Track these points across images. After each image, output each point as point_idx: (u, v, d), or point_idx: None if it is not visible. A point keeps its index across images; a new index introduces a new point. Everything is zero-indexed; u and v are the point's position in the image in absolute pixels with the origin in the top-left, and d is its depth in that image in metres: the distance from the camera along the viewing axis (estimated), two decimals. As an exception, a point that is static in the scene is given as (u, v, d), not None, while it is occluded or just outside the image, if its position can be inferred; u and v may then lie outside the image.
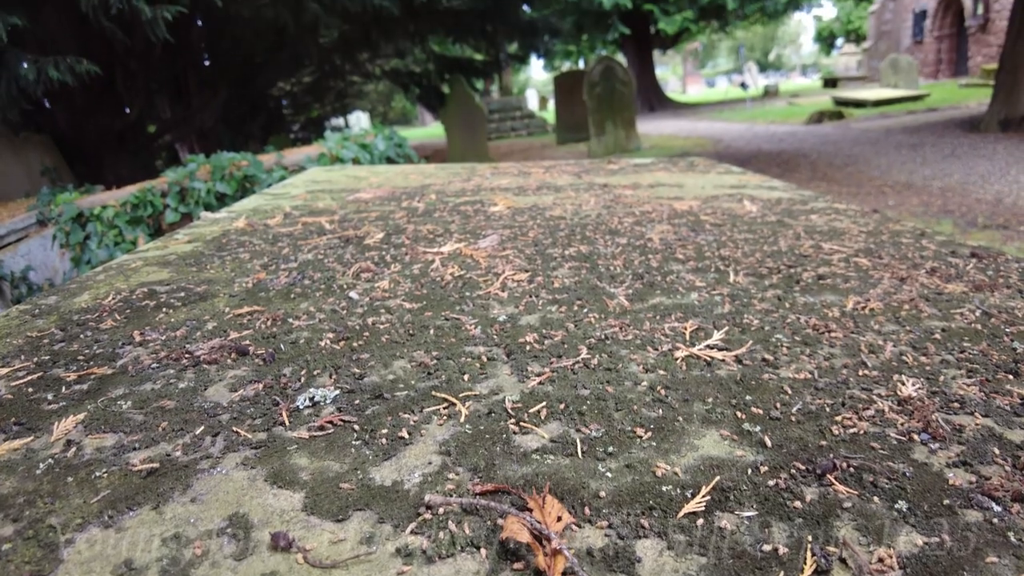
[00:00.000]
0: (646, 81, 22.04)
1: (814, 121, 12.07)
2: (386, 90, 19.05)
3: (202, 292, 1.09)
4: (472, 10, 8.86)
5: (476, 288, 1.05)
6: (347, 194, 2.01)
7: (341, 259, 1.26)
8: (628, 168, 2.41)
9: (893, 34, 24.28)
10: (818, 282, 1.00)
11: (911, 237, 1.27)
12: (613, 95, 9.67)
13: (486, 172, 2.42)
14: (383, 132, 5.25)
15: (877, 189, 5.80)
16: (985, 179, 5.74)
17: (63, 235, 3.84)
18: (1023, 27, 7.93)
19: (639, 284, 1.03)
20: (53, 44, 5.22)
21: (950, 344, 0.76)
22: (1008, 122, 8.18)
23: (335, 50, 9.19)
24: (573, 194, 1.89)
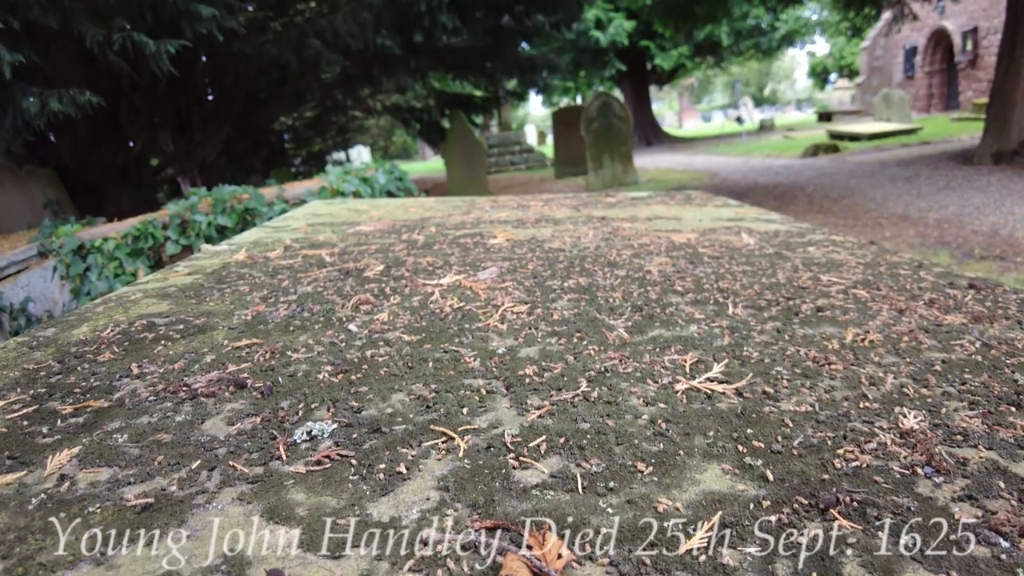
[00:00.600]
0: (643, 116, 22.41)
1: (810, 154, 12.22)
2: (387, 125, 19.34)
3: (201, 324, 1.09)
4: (472, 48, 9.07)
5: (475, 320, 1.05)
6: (347, 227, 2.02)
7: (341, 291, 1.27)
8: (626, 201, 2.43)
9: (885, 69, 24.80)
10: (817, 314, 1.01)
11: (909, 269, 1.28)
12: (610, 130, 9.82)
13: (485, 205, 2.45)
14: (384, 166, 5.31)
15: (874, 221, 5.85)
16: (980, 211, 5.79)
17: (63, 267, 3.85)
18: (1011, 63, 8.11)
19: (638, 316, 1.03)
20: (60, 79, 5.32)
21: (951, 376, 0.76)
22: (1000, 155, 8.30)
23: (337, 86, 9.37)
24: (572, 227, 1.91)
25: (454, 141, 10.15)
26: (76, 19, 4.45)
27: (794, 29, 21.38)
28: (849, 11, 10.58)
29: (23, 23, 4.26)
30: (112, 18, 4.54)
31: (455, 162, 10.22)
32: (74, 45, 4.93)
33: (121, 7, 4.54)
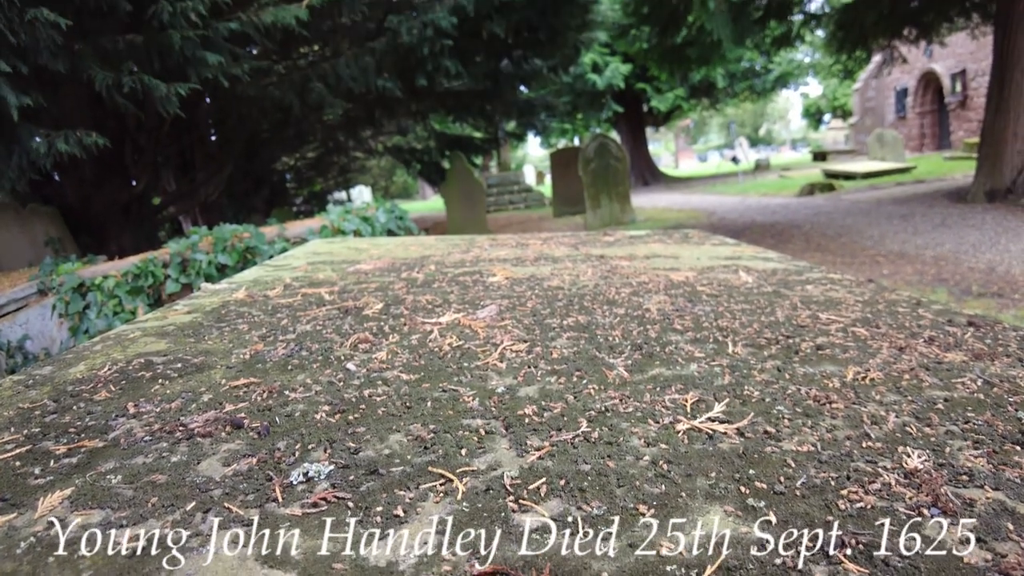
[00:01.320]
0: (640, 156, 22.76)
1: (806, 193, 12.37)
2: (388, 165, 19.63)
3: (199, 363, 1.09)
4: (472, 91, 9.28)
5: (474, 359, 1.05)
6: (347, 265, 2.03)
7: (339, 330, 1.26)
8: (624, 240, 2.45)
9: (877, 110, 25.32)
10: (817, 352, 1.00)
11: (907, 306, 1.28)
12: (608, 170, 9.97)
13: (485, 243, 2.46)
14: (384, 205, 5.37)
15: (871, 259, 5.89)
16: (976, 248, 5.83)
17: (63, 304, 3.85)
18: (1000, 104, 8.29)
19: (638, 355, 1.03)
20: (67, 120, 5.43)
21: (954, 414, 0.75)
22: (994, 193, 8.41)
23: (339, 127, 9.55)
24: (570, 265, 1.92)
25: (454, 181, 10.29)
26: (85, 64, 4.56)
27: (787, 71, 21.93)
28: (840, 54, 10.86)
29: (32, 68, 4.37)
30: (121, 63, 4.66)
31: (455, 201, 10.34)
32: (82, 88, 5.05)
33: (130, 53, 4.66)
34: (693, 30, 7.87)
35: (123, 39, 4.63)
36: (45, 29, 4.11)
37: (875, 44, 10.77)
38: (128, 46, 4.63)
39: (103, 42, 4.62)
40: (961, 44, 18.70)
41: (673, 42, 8.29)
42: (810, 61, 22.91)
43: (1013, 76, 8.05)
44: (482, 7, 6.29)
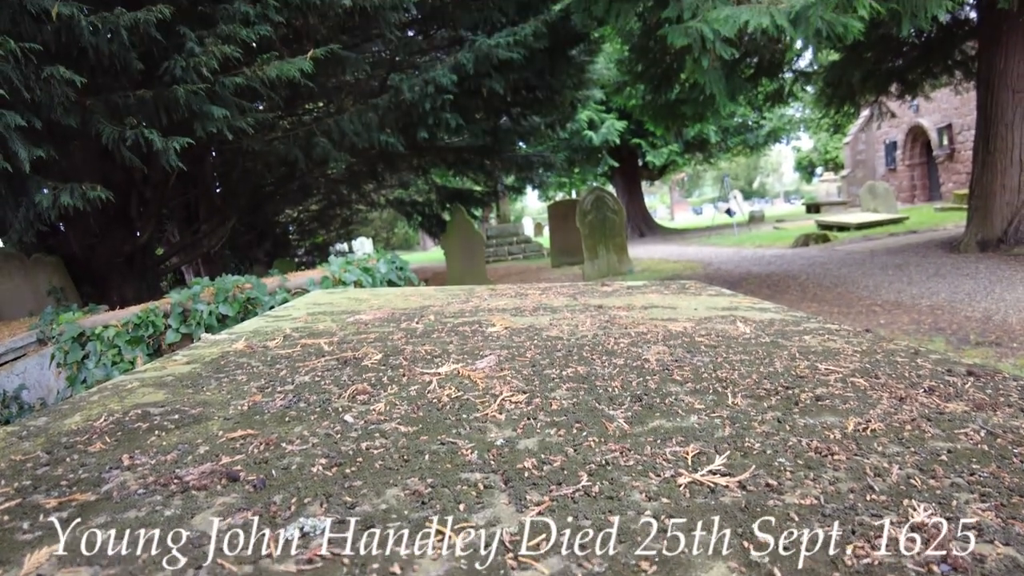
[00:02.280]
0: (636, 209, 23.11)
1: (800, 244, 12.49)
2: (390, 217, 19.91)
3: (196, 415, 1.08)
4: (472, 146, 9.51)
5: (473, 410, 1.04)
6: (347, 316, 2.04)
7: (338, 381, 1.26)
8: (622, 290, 2.47)
9: (868, 162, 25.88)
10: (817, 403, 1.00)
11: (906, 356, 1.28)
12: (605, 222, 10.11)
13: (484, 294, 2.48)
14: (385, 256, 5.42)
15: (867, 308, 5.91)
16: (972, 297, 5.86)
17: (62, 354, 3.84)
18: (987, 157, 8.49)
19: (638, 406, 1.03)
20: (75, 172, 5.53)
21: (958, 466, 0.75)
22: (986, 243, 8.50)
23: (342, 181, 9.73)
24: (569, 315, 1.93)
25: (454, 232, 10.41)
26: (95, 119, 4.69)
27: (779, 127, 22.52)
28: (830, 109, 11.20)
29: (45, 122, 4.49)
30: (127, 117, 4.79)
31: (455, 252, 10.43)
32: (91, 142, 5.17)
33: (139, 108, 4.80)
34: (686, 87, 8.13)
35: (133, 95, 4.78)
36: (60, 86, 4.25)
37: (863, 100, 11.12)
38: (138, 101, 4.77)
39: (114, 98, 4.77)
40: (946, 99, 19.31)
41: (667, 99, 8.55)
42: (801, 116, 23.57)
43: (998, 131, 8.28)
44: (481, 66, 6.52)
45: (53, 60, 4.28)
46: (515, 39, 6.55)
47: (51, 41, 4.31)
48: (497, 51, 6.44)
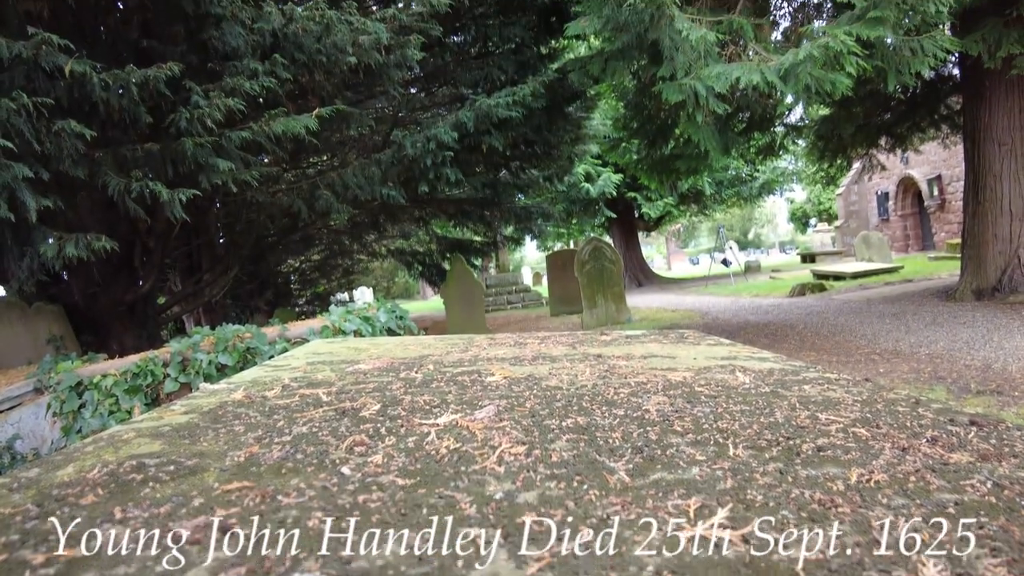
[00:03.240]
0: (633, 259, 23.30)
1: (797, 294, 12.55)
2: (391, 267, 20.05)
3: (192, 466, 1.06)
4: (472, 199, 9.67)
5: (472, 462, 1.03)
6: (346, 365, 2.03)
7: (336, 432, 1.25)
8: (621, 339, 2.47)
9: (861, 213, 26.25)
10: (818, 454, 0.99)
11: (906, 406, 1.28)
12: (603, 272, 10.18)
13: (483, 343, 2.48)
14: (385, 305, 5.43)
15: (866, 357, 5.89)
16: (970, 346, 5.85)
17: (58, 403, 3.80)
18: (976, 209, 8.64)
19: (639, 458, 1.02)
20: (80, 223, 5.60)
21: (966, 519, 0.73)
22: (981, 292, 8.55)
23: (344, 232, 9.85)
24: (568, 364, 1.92)
25: (454, 282, 10.47)
26: (103, 171, 4.78)
27: (772, 179, 22.95)
28: (822, 162, 11.45)
29: (53, 174, 4.57)
30: (133, 170, 4.89)
31: (454, 301, 10.46)
32: (97, 193, 5.26)
33: (146, 160, 4.90)
34: (680, 142, 8.34)
35: (141, 147, 4.89)
36: (70, 139, 4.35)
37: (854, 153, 11.39)
38: (145, 154, 4.88)
39: (122, 151, 4.87)
40: (934, 152, 19.78)
41: (662, 154, 8.76)
42: (793, 169, 24.06)
43: (986, 182, 8.45)
44: (482, 124, 6.70)
45: (65, 114, 4.40)
46: (514, 98, 6.76)
47: (64, 96, 4.44)
48: (497, 110, 6.63)
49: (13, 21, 4.93)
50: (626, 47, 6.13)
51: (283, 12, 5.33)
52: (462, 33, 8.92)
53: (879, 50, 5.43)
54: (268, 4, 5.23)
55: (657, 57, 5.96)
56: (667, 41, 5.58)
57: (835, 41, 4.97)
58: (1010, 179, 8.29)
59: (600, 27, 6.10)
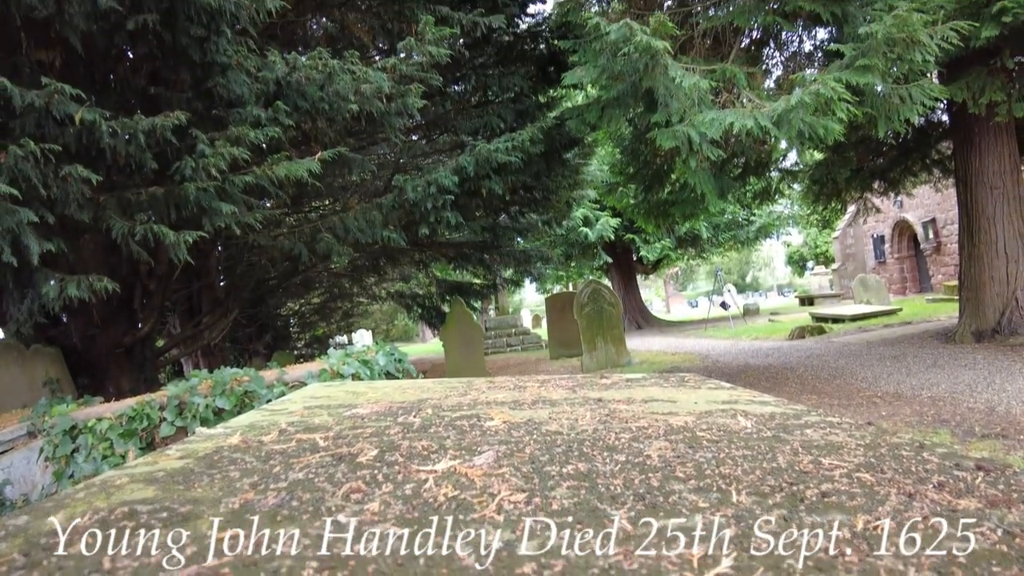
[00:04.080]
0: (632, 301, 23.34)
1: (796, 337, 12.52)
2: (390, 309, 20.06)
3: (186, 513, 1.04)
4: (472, 242, 9.76)
5: (471, 510, 1.02)
6: (344, 409, 2.01)
7: (332, 478, 1.23)
8: (621, 383, 2.45)
9: (858, 256, 26.42)
10: (823, 500, 0.98)
11: (911, 450, 1.26)
12: (602, 314, 10.18)
13: (482, 386, 2.46)
14: (384, 348, 5.41)
15: (867, 400, 5.84)
16: (972, 388, 5.81)
17: (51, 447, 3.74)
18: (972, 252, 8.71)
19: (641, 506, 1.00)
20: (82, 265, 5.63)
21: (978, 569, 0.72)
22: (981, 334, 8.54)
23: (345, 275, 9.89)
24: (568, 408, 1.91)
25: (453, 324, 10.45)
26: (107, 214, 4.84)
27: (769, 223, 23.19)
28: (817, 206, 11.60)
29: (58, 218, 4.62)
30: (138, 213, 4.94)
31: (454, 344, 10.42)
32: (100, 235, 5.30)
33: (150, 204, 4.96)
34: (676, 187, 8.47)
35: (145, 191, 4.96)
36: (76, 184, 4.42)
37: (848, 197, 11.56)
38: (149, 198, 4.94)
39: (127, 195, 4.94)
40: (928, 195, 20.06)
41: (658, 198, 8.89)
42: (789, 213, 24.36)
43: (980, 225, 8.54)
44: (481, 169, 6.82)
45: (72, 159, 4.48)
46: (513, 144, 6.90)
47: (72, 142, 4.53)
48: (496, 155, 6.76)
49: (25, 70, 5.08)
50: (622, 95, 6.30)
51: (287, 61, 5.49)
52: (462, 82, 9.17)
53: (869, 97, 5.58)
54: (272, 53, 5.39)
55: (652, 104, 6.12)
56: (661, 89, 5.73)
57: (826, 88, 5.11)
58: (1003, 222, 8.39)
59: (596, 76, 6.28)
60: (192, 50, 5.05)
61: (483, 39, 7.97)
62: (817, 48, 8.81)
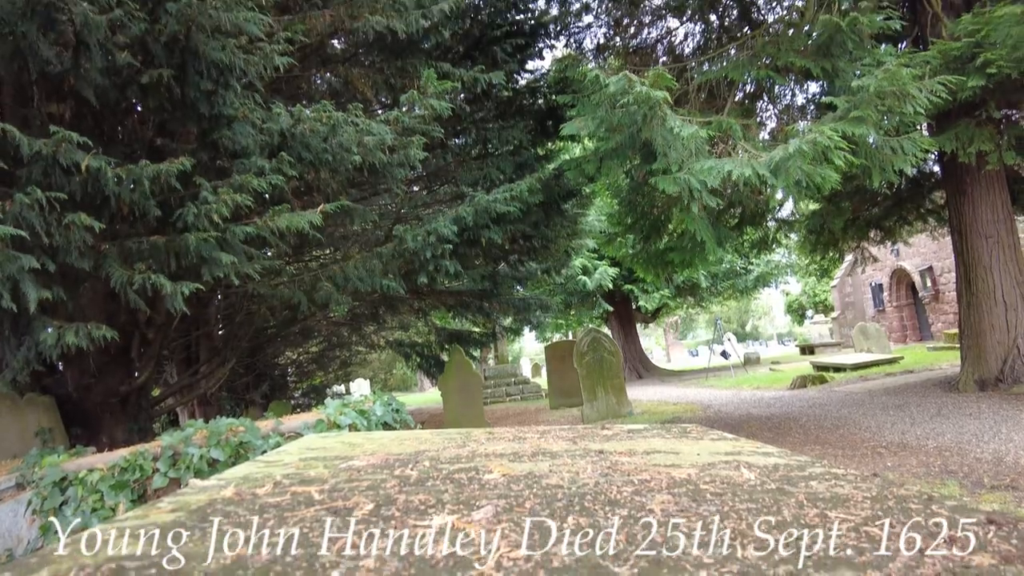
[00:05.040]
0: (633, 350, 23.25)
1: (798, 386, 12.42)
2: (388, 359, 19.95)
3: (175, 571, 1.02)
4: (471, 290, 9.80)
5: (469, 567, 0.99)
6: (340, 462, 1.98)
7: (327, 533, 1.20)
8: (622, 434, 2.42)
9: (857, 304, 26.46)
10: (830, 555, 0.95)
11: (919, 502, 1.24)
12: (602, 363, 10.13)
13: (481, 437, 2.43)
14: (382, 398, 5.36)
15: (872, 450, 5.74)
16: (979, 438, 5.73)
17: (39, 500, 3.65)
18: (971, 300, 8.74)
19: (644, 562, 0.97)
20: (81, 313, 5.62)
21: (991, 630, 0.69)
22: (984, 382, 8.48)
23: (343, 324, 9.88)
24: (569, 460, 1.88)
25: (452, 373, 10.38)
26: (108, 263, 4.86)
27: (766, 272, 23.33)
28: (815, 255, 11.71)
29: (59, 265, 4.65)
30: (138, 262, 4.97)
31: (452, 393, 10.32)
32: (100, 284, 5.32)
33: (151, 253, 4.99)
34: (674, 236, 8.57)
35: (147, 240, 5.00)
36: (79, 232, 4.46)
37: (845, 246, 11.67)
38: (150, 247, 4.98)
39: (128, 244, 4.98)
40: (924, 244, 20.26)
41: (656, 248, 8.98)
42: (787, 262, 24.53)
43: (977, 273, 8.60)
44: (481, 219, 6.92)
45: (76, 207, 4.54)
46: (511, 194, 7.02)
47: (77, 190, 4.60)
48: (495, 205, 6.86)
49: (36, 123, 5.20)
50: (620, 146, 6.45)
51: (291, 114, 5.64)
52: (463, 136, 9.40)
53: (863, 148, 5.71)
54: (278, 106, 5.54)
55: (650, 155, 6.26)
56: (660, 139, 5.88)
57: (822, 137, 5.24)
58: (1000, 270, 8.44)
59: (595, 128, 6.44)
60: (200, 103, 5.18)
61: (483, 94, 8.21)
62: (809, 101, 9.09)
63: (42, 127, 4.94)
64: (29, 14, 4.29)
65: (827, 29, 6.13)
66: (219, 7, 4.66)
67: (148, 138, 5.88)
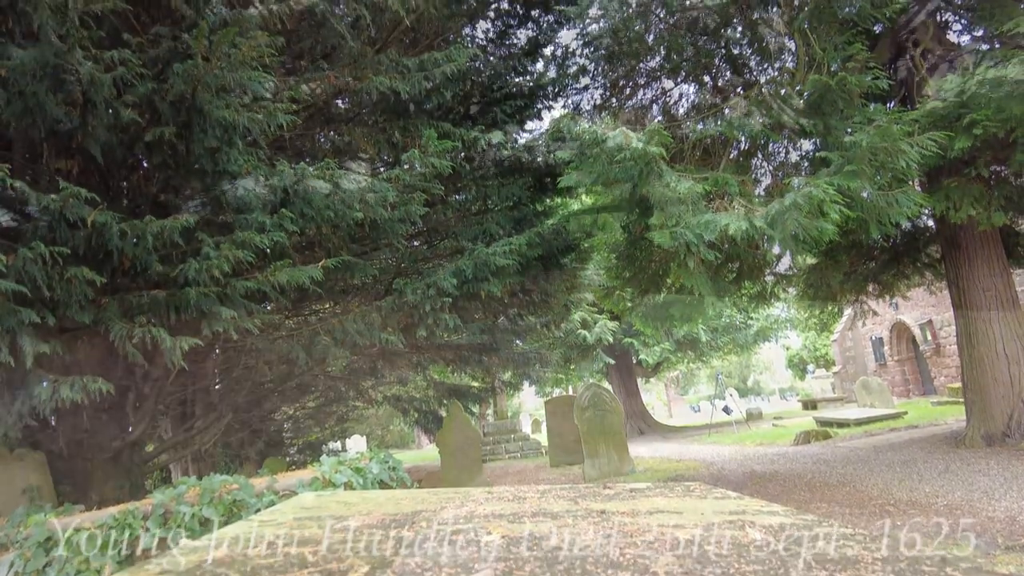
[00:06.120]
0: (634, 406, 22.98)
1: (801, 442, 12.23)
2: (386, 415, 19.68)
3: (161, 640, 0.98)
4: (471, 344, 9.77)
5: (468, 632, 0.95)
6: (335, 522, 1.93)
7: (321, 597, 1.16)
8: (624, 493, 2.37)
9: (858, 359, 26.29)
10: (843, 622, 0.92)
11: (932, 565, 1.20)
12: (603, 420, 10.00)
13: (480, 497, 2.37)
14: (378, 455, 5.26)
15: (880, 508, 5.60)
16: (989, 496, 5.59)
17: (22, 561, 3.52)
18: (972, 353, 8.70)
19: (648, 626, 0.94)
20: (78, 366, 5.58)
21: None
22: (991, 437, 8.35)
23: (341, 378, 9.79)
24: (570, 521, 1.83)
25: (450, 429, 10.22)
26: (108, 317, 4.86)
27: (766, 326, 23.31)
28: (813, 309, 11.72)
29: (59, 319, 4.64)
30: (137, 316, 4.97)
31: (450, 450, 10.14)
32: (99, 337, 5.30)
33: (151, 307, 5.00)
34: (673, 290, 8.61)
35: (147, 294, 5.01)
36: (81, 286, 4.48)
37: (844, 300, 11.70)
38: (151, 301, 4.99)
39: (129, 298, 4.99)
40: (922, 297, 20.29)
41: (655, 301, 9.00)
42: (787, 316, 24.52)
43: (977, 327, 8.58)
44: (480, 272, 6.97)
45: (79, 262, 4.57)
46: (510, 248, 7.10)
47: (81, 245, 4.65)
48: (494, 258, 6.93)
49: (44, 179, 5.31)
50: (617, 201, 6.56)
51: (295, 171, 5.76)
52: (463, 192, 9.58)
53: (858, 202, 5.81)
54: (282, 163, 5.66)
55: (647, 210, 6.36)
56: (657, 194, 5.98)
57: (818, 190, 5.33)
58: (999, 323, 8.44)
59: (592, 182, 6.57)
60: (204, 160, 5.30)
61: (483, 153, 8.41)
62: (803, 158, 9.30)
63: (50, 182, 5.04)
64: (39, 75, 4.45)
65: (818, 88, 6.34)
66: (225, 67, 4.83)
67: (152, 193, 5.98)
